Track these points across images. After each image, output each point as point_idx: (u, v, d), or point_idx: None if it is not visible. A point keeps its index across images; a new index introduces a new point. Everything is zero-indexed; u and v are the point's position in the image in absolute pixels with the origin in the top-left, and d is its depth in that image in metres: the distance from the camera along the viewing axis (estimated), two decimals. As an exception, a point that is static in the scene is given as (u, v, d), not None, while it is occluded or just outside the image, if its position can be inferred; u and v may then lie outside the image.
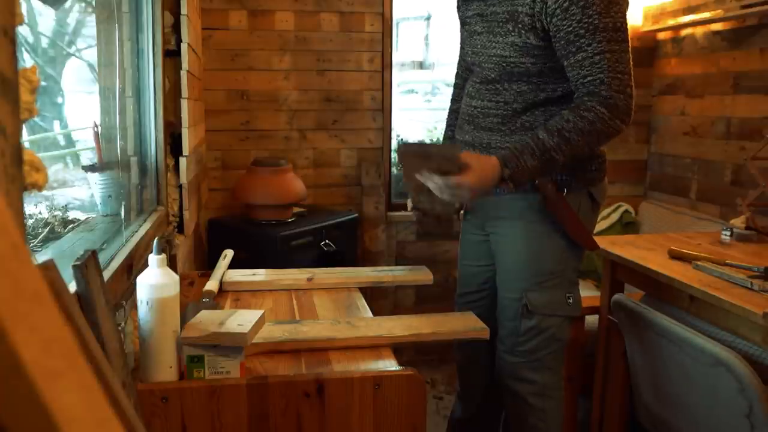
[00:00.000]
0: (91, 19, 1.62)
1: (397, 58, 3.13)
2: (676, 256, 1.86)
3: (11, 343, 0.34)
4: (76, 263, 0.80)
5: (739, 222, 2.11)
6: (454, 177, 1.37)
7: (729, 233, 2.06)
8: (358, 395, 1.08)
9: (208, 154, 2.82)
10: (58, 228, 1.35)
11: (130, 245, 1.35)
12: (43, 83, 1.45)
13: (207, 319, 1.10)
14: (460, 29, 1.69)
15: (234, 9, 2.79)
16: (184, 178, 1.86)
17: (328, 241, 2.56)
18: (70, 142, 1.73)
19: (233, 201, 2.68)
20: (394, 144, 3.05)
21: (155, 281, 1.04)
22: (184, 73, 1.86)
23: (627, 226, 3.03)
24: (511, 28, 1.46)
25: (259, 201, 2.52)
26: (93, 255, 0.85)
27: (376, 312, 1.44)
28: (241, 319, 1.09)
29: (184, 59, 1.86)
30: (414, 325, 1.33)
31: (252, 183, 2.53)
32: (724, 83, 2.68)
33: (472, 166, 1.38)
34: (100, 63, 1.58)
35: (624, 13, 1.41)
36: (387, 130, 3.00)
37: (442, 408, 2.64)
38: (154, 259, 1.05)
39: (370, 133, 2.99)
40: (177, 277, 1.08)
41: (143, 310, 1.04)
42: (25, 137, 1.17)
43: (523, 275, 1.57)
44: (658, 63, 3.11)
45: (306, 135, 2.93)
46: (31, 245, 1.22)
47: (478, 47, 1.57)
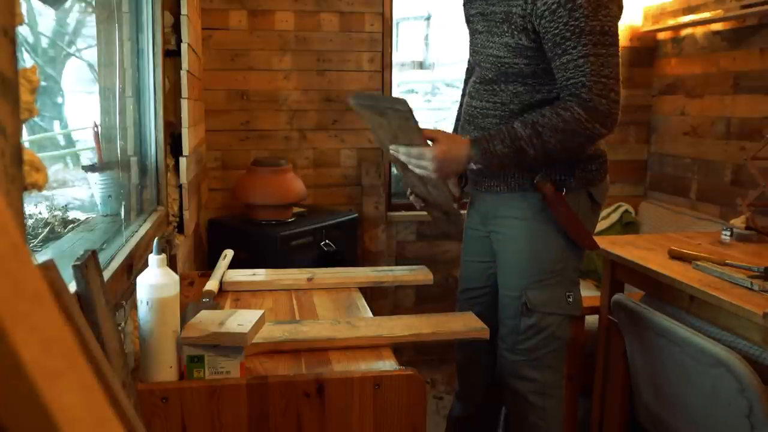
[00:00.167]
0: (91, 19, 1.62)
1: (397, 58, 3.13)
2: (676, 256, 1.86)
3: (11, 343, 0.34)
4: (76, 263, 0.80)
5: (739, 222, 2.11)
6: (417, 147, 1.43)
7: (729, 233, 2.06)
8: (358, 395, 1.08)
9: (208, 154, 2.82)
10: (58, 228, 1.35)
11: (130, 245, 1.35)
12: (43, 83, 1.45)
13: (207, 319, 1.10)
14: (466, 26, 1.70)
15: (234, 9, 2.79)
16: (184, 178, 1.86)
17: (328, 241, 2.56)
18: (70, 142, 1.73)
19: (233, 201, 2.68)
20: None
21: (155, 281, 1.04)
22: (184, 73, 1.87)
23: (627, 226, 3.04)
24: (506, 29, 1.46)
25: (259, 201, 2.52)
26: (93, 255, 0.85)
27: (376, 312, 1.44)
28: (241, 319, 1.09)
29: (184, 59, 1.87)
30: (414, 325, 1.33)
31: (252, 183, 2.53)
32: (724, 83, 2.68)
33: (439, 139, 1.44)
34: (100, 63, 1.58)
35: (614, 17, 1.39)
36: (387, 130, 3.00)
37: (442, 408, 2.64)
38: (154, 259, 1.05)
39: (370, 133, 2.98)
40: (177, 277, 1.08)
41: (143, 310, 1.04)
42: (25, 137, 1.17)
43: (524, 273, 1.57)
44: (658, 63, 3.11)
45: (306, 135, 2.93)
46: (31, 245, 1.22)
47: (479, 46, 1.57)
